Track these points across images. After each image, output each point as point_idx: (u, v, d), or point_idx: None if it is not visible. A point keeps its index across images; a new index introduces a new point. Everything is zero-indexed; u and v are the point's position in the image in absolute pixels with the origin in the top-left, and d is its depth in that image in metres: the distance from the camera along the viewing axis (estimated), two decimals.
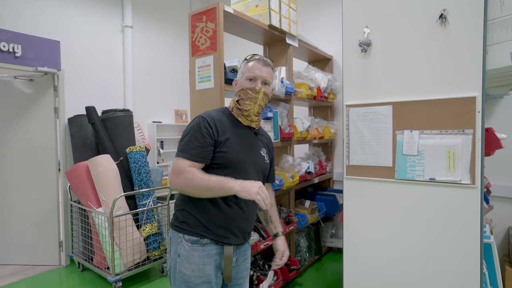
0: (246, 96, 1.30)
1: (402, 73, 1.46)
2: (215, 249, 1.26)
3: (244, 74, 1.34)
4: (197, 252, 1.23)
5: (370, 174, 1.55)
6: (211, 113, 1.31)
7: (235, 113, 1.36)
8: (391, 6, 1.47)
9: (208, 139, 1.23)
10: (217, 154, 1.25)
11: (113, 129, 3.16)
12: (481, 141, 1.28)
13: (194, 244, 1.24)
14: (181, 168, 1.20)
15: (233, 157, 1.25)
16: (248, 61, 1.36)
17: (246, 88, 1.30)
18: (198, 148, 1.21)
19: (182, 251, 1.25)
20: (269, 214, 1.50)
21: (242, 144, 1.31)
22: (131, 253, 2.77)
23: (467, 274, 1.32)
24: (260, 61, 1.33)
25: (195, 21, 2.20)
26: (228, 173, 1.22)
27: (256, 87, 1.30)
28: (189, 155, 1.21)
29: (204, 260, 1.23)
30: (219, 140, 1.25)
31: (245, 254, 1.41)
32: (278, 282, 2.55)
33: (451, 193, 1.34)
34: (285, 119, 2.77)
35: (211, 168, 1.25)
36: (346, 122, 1.61)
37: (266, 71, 1.33)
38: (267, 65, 1.33)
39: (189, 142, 1.23)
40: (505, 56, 1.27)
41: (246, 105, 1.31)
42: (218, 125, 1.27)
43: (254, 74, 1.31)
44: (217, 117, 1.29)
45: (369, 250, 1.57)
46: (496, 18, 1.29)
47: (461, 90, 1.32)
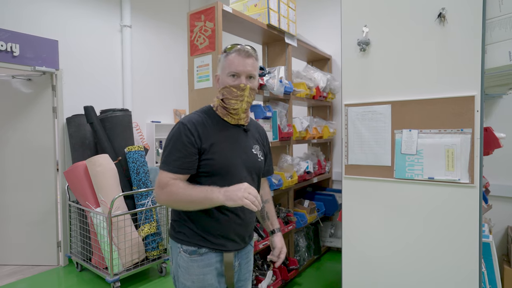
0: (231, 94, 1.18)
1: (401, 72, 1.46)
2: (214, 257, 1.21)
3: (225, 69, 1.20)
4: (195, 262, 1.19)
5: (369, 173, 1.54)
6: (192, 117, 1.21)
7: (220, 113, 1.25)
8: (390, 5, 1.47)
9: (191, 149, 1.14)
10: (203, 162, 1.17)
11: (111, 128, 3.15)
12: (480, 140, 1.28)
13: (192, 254, 1.19)
14: (164, 181, 1.14)
15: (221, 164, 1.17)
16: (228, 53, 1.20)
17: (230, 85, 1.18)
18: (180, 159, 1.14)
19: (181, 262, 1.21)
20: (265, 211, 1.44)
21: (231, 146, 1.22)
22: (129, 253, 2.77)
23: (466, 273, 1.32)
24: (241, 52, 1.18)
25: (193, 21, 2.19)
26: (218, 180, 1.15)
27: (241, 84, 1.17)
28: (171, 167, 1.14)
29: (203, 270, 1.19)
30: (203, 147, 1.16)
31: (248, 257, 1.36)
32: (277, 282, 2.54)
33: (450, 193, 1.34)
34: (284, 119, 2.77)
35: (199, 177, 1.18)
36: (345, 121, 1.61)
37: (250, 63, 1.19)
38: (249, 56, 1.19)
39: (170, 153, 1.16)
40: (504, 55, 1.27)
41: (232, 104, 1.20)
42: (201, 130, 1.17)
43: (237, 69, 1.17)
44: (199, 121, 1.19)
45: (368, 250, 1.57)
46: (495, 17, 1.29)
47: (459, 89, 1.32)
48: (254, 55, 1.20)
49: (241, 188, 1.04)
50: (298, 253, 2.98)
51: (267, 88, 2.44)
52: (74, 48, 3.38)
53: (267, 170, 1.43)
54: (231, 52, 1.19)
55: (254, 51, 1.20)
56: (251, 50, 1.19)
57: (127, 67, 3.77)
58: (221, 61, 1.23)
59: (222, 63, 1.22)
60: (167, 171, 1.14)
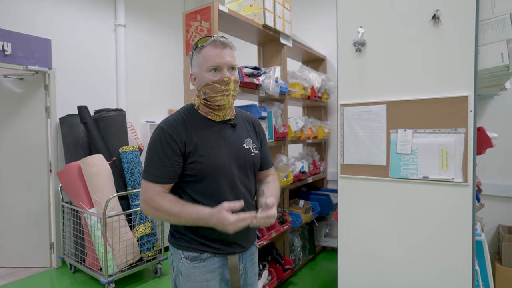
0: (215, 91, 1.10)
1: (396, 72, 1.48)
2: (218, 261, 1.16)
3: (202, 65, 1.11)
4: (198, 269, 1.13)
5: (364, 173, 1.56)
6: (173, 119, 1.13)
7: (202, 112, 1.17)
8: (385, 6, 1.49)
9: (173, 156, 1.08)
10: (189, 165, 1.10)
11: (105, 129, 3.12)
12: (473, 140, 1.31)
13: (194, 261, 1.14)
14: (147, 196, 1.08)
15: (208, 166, 1.10)
16: (202, 47, 1.11)
17: (213, 82, 1.09)
18: (162, 168, 1.08)
19: (183, 269, 1.15)
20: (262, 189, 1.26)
21: (218, 146, 1.14)
22: (124, 254, 2.74)
23: (460, 271, 1.34)
24: (217, 43, 1.09)
25: (189, 20, 2.19)
26: (207, 183, 1.11)
27: (225, 78, 1.08)
28: (153, 177, 1.09)
29: (206, 277, 1.14)
30: (188, 150, 1.09)
31: (253, 259, 1.30)
32: (272, 282, 2.55)
33: (444, 191, 1.36)
34: (279, 119, 2.77)
35: (186, 183, 1.13)
36: (341, 121, 1.62)
37: (228, 53, 1.10)
38: (226, 46, 1.10)
39: (152, 161, 1.10)
40: (496, 56, 1.29)
41: (217, 101, 1.11)
42: (183, 132, 1.10)
43: (216, 62, 1.08)
44: (181, 123, 1.12)
45: (364, 249, 1.58)
46: (487, 19, 1.31)
47: (453, 90, 1.34)
48: (230, 45, 1.12)
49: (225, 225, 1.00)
50: (293, 253, 2.99)
51: (263, 88, 2.45)
52: (68, 47, 3.34)
53: (264, 163, 1.31)
54: (205, 45, 1.10)
55: (229, 41, 1.12)
56: (226, 40, 1.11)
57: (121, 66, 3.75)
58: (194, 58, 1.14)
59: (197, 59, 1.13)
60: (150, 181, 1.09)
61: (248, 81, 2.28)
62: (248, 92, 2.37)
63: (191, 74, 1.18)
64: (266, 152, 1.34)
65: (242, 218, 1.01)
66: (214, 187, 1.13)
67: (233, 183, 1.16)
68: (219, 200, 1.11)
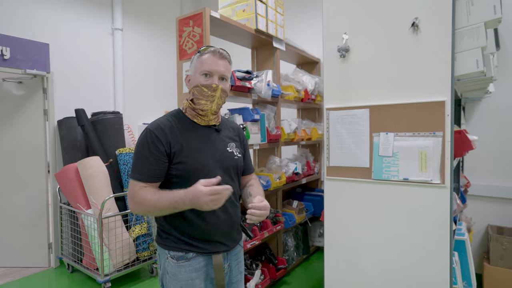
0: (201, 94, 1.17)
1: (378, 78, 1.53)
2: (203, 261, 1.21)
3: (197, 68, 1.19)
4: (183, 268, 1.18)
5: (348, 174, 1.61)
6: (160, 122, 1.19)
7: (189, 114, 1.23)
8: (368, 14, 1.54)
9: (158, 156, 1.14)
10: (174, 166, 1.15)
11: (102, 131, 3.18)
12: (450, 143, 1.36)
13: (180, 260, 1.18)
14: (132, 192, 1.14)
15: (193, 166, 1.16)
16: (202, 53, 1.19)
17: (201, 85, 1.16)
18: (148, 167, 1.13)
19: (169, 268, 1.20)
20: (248, 191, 1.35)
21: (202, 147, 1.19)
22: (120, 254, 2.80)
23: (438, 268, 1.39)
24: (216, 53, 1.18)
25: (182, 26, 2.24)
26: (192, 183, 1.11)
27: (213, 84, 1.16)
28: (140, 175, 1.14)
29: (191, 275, 1.18)
30: (173, 151, 1.15)
31: (238, 258, 1.35)
32: (265, 281, 2.60)
33: (423, 192, 1.41)
34: (272, 121, 2.83)
35: (172, 183, 1.17)
36: (327, 125, 1.68)
37: (223, 64, 1.19)
38: (223, 58, 1.19)
39: (138, 161, 1.15)
40: (471, 62, 1.35)
41: (201, 104, 1.18)
42: (169, 134, 1.16)
43: (210, 68, 1.16)
44: (167, 125, 1.18)
45: (348, 248, 1.64)
46: (463, 27, 1.37)
47: (431, 95, 1.39)
48: (228, 58, 1.21)
49: (202, 195, 1.01)
50: (287, 253, 3.04)
51: (255, 92, 2.50)
52: (66, 51, 3.40)
53: (246, 168, 1.40)
54: (205, 52, 1.19)
55: (228, 55, 1.21)
56: (226, 53, 1.20)
57: (118, 69, 3.81)
58: (193, 62, 1.23)
59: (195, 62, 1.21)
60: (136, 180, 1.14)
61: (240, 84, 2.34)
62: (240, 95, 2.42)
63: (187, 75, 1.26)
64: (248, 159, 1.43)
65: (216, 189, 1.02)
66: None
67: (218, 184, 1.21)
68: None
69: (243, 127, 2.33)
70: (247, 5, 2.59)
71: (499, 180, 2.69)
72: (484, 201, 2.78)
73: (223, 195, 1.04)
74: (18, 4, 3.07)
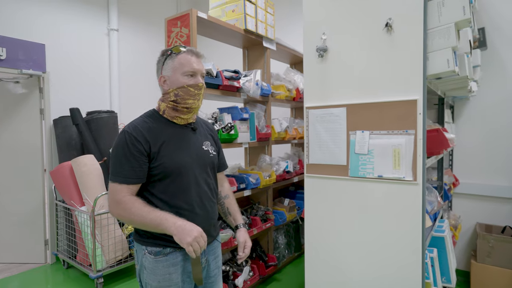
0: (188, 94, 1.21)
1: (354, 77, 1.56)
2: (180, 255, 1.23)
3: (177, 69, 1.21)
4: (160, 263, 1.20)
5: (327, 172, 1.64)
6: (137, 123, 1.22)
7: (168, 115, 1.27)
8: (344, 15, 1.57)
9: (140, 157, 1.16)
10: (154, 165, 1.18)
11: (97, 130, 3.24)
12: (422, 141, 1.39)
13: (157, 255, 1.21)
14: (118, 197, 1.14)
15: (172, 165, 1.19)
16: (176, 54, 1.22)
17: (188, 85, 1.20)
18: (130, 169, 1.15)
19: (146, 264, 1.22)
20: (225, 206, 1.48)
21: (180, 146, 1.24)
22: (113, 250, 2.86)
23: (411, 264, 1.42)
24: (193, 53, 1.23)
25: (170, 26, 2.29)
26: (171, 182, 1.19)
27: (199, 83, 1.22)
28: (122, 178, 1.15)
29: (169, 270, 1.21)
30: (153, 151, 1.18)
31: (215, 253, 1.38)
32: (254, 278, 2.63)
33: (397, 189, 1.44)
34: (262, 120, 2.86)
35: (152, 183, 1.20)
36: (306, 123, 1.71)
37: (201, 63, 1.25)
38: (200, 56, 1.25)
39: (119, 163, 1.16)
40: (443, 62, 1.38)
41: (188, 103, 1.23)
42: (147, 135, 1.19)
43: (193, 68, 1.21)
44: (144, 126, 1.21)
45: (327, 244, 1.67)
46: (435, 27, 1.39)
47: (404, 94, 1.42)
48: (203, 56, 1.27)
49: (192, 235, 1.08)
50: (278, 250, 3.08)
51: (244, 91, 2.54)
52: (62, 51, 3.47)
53: (221, 165, 1.47)
54: (181, 52, 1.22)
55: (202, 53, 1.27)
56: (199, 51, 1.26)
57: (114, 69, 3.87)
58: (168, 62, 1.24)
59: (172, 64, 1.23)
60: (118, 183, 1.16)
61: (228, 84, 2.38)
62: (229, 94, 2.46)
63: (162, 76, 1.26)
64: (222, 156, 1.51)
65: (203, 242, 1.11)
66: (177, 185, 1.22)
67: (195, 181, 1.26)
68: (183, 197, 1.23)
69: (231, 125, 2.37)
70: (237, 5, 2.63)
71: (488, 178, 2.70)
72: (473, 200, 2.80)
73: (197, 251, 1.09)
74: (15, 5, 3.14)
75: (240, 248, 1.39)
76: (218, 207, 1.50)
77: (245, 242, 1.40)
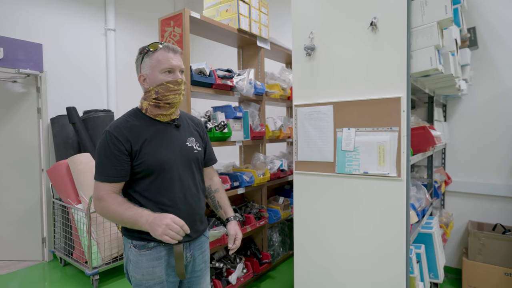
0: (168, 90, 1.22)
1: (341, 75, 1.59)
2: (164, 250, 1.25)
3: (155, 67, 1.22)
4: (144, 256, 1.22)
5: (315, 169, 1.67)
6: (119, 122, 1.23)
7: (151, 113, 1.28)
8: (331, 14, 1.60)
9: (121, 156, 1.18)
10: (136, 163, 1.20)
11: (93, 128, 3.27)
12: (406, 138, 1.41)
13: (141, 249, 1.22)
14: (100, 195, 1.17)
15: (154, 162, 1.21)
16: (153, 51, 1.22)
17: (167, 82, 1.21)
18: (113, 168, 1.17)
19: (131, 257, 1.24)
20: (216, 200, 1.49)
21: (162, 144, 1.25)
22: (109, 248, 2.89)
23: (395, 259, 1.44)
24: (169, 49, 1.23)
25: (164, 26, 2.32)
26: (154, 179, 1.21)
27: (178, 79, 1.22)
28: (105, 177, 1.17)
29: (153, 263, 1.23)
30: (135, 149, 1.20)
31: (202, 248, 1.39)
32: (248, 275, 2.66)
33: (381, 185, 1.47)
34: (256, 119, 2.89)
35: (135, 181, 1.22)
36: (295, 121, 1.74)
37: (179, 59, 1.25)
38: (177, 51, 1.25)
39: (102, 163, 1.19)
40: (426, 60, 1.40)
41: (169, 99, 1.23)
42: (129, 134, 1.20)
43: (170, 65, 1.21)
44: (125, 125, 1.22)
45: (315, 240, 1.69)
46: (418, 26, 1.42)
47: (389, 91, 1.44)
48: (180, 51, 1.27)
49: (162, 224, 1.07)
50: (272, 248, 3.11)
51: (237, 90, 2.57)
52: (60, 51, 3.50)
53: (209, 159, 1.49)
54: (157, 49, 1.22)
55: (178, 47, 1.27)
56: (176, 46, 1.26)
57: (111, 69, 3.90)
58: (145, 61, 1.24)
59: (149, 62, 1.23)
60: (102, 182, 1.18)
61: (221, 83, 2.41)
62: (222, 93, 2.49)
63: (141, 75, 1.27)
64: (211, 151, 1.51)
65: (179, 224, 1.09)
66: (161, 182, 1.24)
67: (179, 178, 1.28)
68: (166, 194, 1.25)
69: (224, 124, 2.40)
70: (230, 5, 2.65)
71: (481, 176, 2.72)
72: (466, 198, 2.82)
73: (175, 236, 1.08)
74: (14, 6, 3.18)
75: (231, 240, 1.40)
76: (208, 201, 1.52)
77: (235, 234, 1.41)
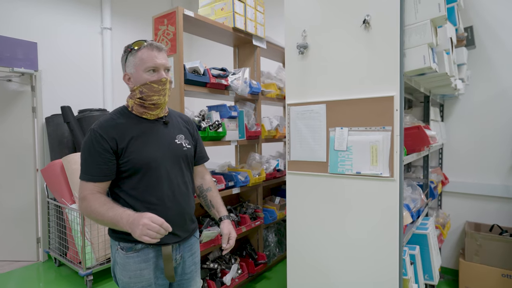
0: (152, 90, 1.19)
1: (334, 73, 1.56)
2: (152, 252, 1.22)
3: (139, 65, 1.18)
4: (132, 259, 1.19)
5: (308, 168, 1.65)
6: (104, 120, 1.20)
7: (137, 112, 1.25)
8: (324, 12, 1.58)
9: (105, 154, 1.15)
10: (122, 161, 1.17)
11: (88, 128, 3.24)
12: (399, 137, 1.39)
13: (128, 251, 1.20)
14: (83, 194, 1.15)
15: (141, 160, 1.18)
16: (137, 50, 1.19)
17: (151, 82, 1.17)
18: (97, 167, 1.14)
19: (119, 259, 1.21)
20: (208, 199, 1.46)
21: (149, 141, 1.22)
22: (103, 248, 2.87)
23: (388, 260, 1.42)
24: (153, 47, 1.19)
25: (157, 24, 2.30)
26: (141, 177, 1.18)
27: (162, 79, 1.18)
28: (89, 176, 1.15)
29: (140, 266, 1.20)
30: (121, 147, 1.17)
31: (192, 249, 1.37)
32: (243, 275, 2.64)
33: (374, 186, 1.45)
34: (251, 118, 2.87)
35: (122, 180, 1.20)
36: (288, 120, 1.72)
37: (163, 56, 1.21)
38: (161, 49, 1.21)
39: (86, 161, 1.16)
40: (419, 58, 1.38)
41: (154, 100, 1.21)
42: (114, 132, 1.17)
43: (154, 63, 1.17)
44: (111, 123, 1.19)
45: (308, 241, 1.67)
46: (411, 24, 1.39)
47: (382, 90, 1.42)
48: (164, 48, 1.23)
49: (139, 225, 1.02)
50: (268, 248, 3.08)
51: (232, 89, 2.55)
52: (55, 50, 3.48)
53: (200, 157, 1.46)
54: (141, 48, 1.19)
55: (162, 45, 1.22)
56: (160, 44, 1.21)
57: (107, 68, 3.88)
58: (129, 59, 1.21)
59: (133, 60, 1.20)
60: (86, 181, 1.16)
61: (215, 82, 2.39)
62: (217, 92, 2.47)
63: (126, 74, 1.25)
64: (201, 149, 1.47)
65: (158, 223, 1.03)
66: (148, 181, 1.21)
67: (167, 176, 1.25)
68: (154, 192, 1.21)
69: (219, 123, 2.38)
70: (225, 4, 2.63)
71: (478, 177, 2.70)
72: (463, 198, 2.79)
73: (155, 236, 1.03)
74: (10, 5, 3.15)
75: (224, 239, 1.37)
76: (201, 200, 1.49)
77: (229, 233, 1.38)
